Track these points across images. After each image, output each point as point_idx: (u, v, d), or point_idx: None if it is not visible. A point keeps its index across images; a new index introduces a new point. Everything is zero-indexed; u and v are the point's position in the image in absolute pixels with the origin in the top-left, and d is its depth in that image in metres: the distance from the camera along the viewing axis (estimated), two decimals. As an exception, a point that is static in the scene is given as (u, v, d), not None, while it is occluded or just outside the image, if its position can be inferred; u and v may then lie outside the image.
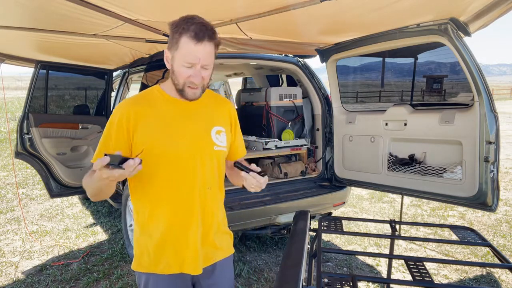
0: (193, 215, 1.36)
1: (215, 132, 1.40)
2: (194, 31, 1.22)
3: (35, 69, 3.84)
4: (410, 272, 1.29)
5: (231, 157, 1.55)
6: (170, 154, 1.32)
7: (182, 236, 1.37)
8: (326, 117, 3.65)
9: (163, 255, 1.38)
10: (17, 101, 19.40)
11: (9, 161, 8.29)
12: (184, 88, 1.30)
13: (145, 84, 3.69)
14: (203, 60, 1.25)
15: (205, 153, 1.37)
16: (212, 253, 1.45)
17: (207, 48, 1.25)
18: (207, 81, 1.32)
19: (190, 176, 1.34)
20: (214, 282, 1.48)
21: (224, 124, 1.46)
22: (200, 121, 1.39)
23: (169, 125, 1.34)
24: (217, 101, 1.50)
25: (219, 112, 1.47)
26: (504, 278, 3.13)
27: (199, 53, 1.23)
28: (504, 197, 5.57)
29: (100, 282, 3.08)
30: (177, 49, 1.25)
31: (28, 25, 2.59)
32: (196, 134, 1.36)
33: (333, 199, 3.44)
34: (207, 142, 1.37)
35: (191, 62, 1.24)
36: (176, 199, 1.35)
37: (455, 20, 2.27)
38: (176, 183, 1.34)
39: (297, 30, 2.85)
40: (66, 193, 4.10)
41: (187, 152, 1.33)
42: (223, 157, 1.46)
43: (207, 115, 1.42)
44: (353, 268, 3.36)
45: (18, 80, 37.95)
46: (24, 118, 3.78)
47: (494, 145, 2.32)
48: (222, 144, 1.41)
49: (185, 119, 1.36)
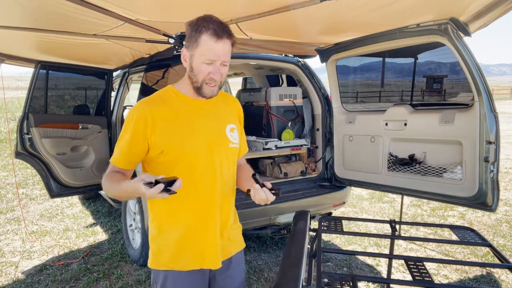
0: (213, 211, 1.41)
1: (229, 130, 1.45)
2: (214, 29, 1.26)
3: (35, 69, 3.83)
4: (410, 272, 1.29)
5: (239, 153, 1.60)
6: (189, 153, 1.35)
7: (202, 233, 1.41)
8: (326, 117, 3.65)
9: (184, 252, 1.41)
10: (17, 101, 19.40)
11: (9, 161, 8.29)
12: (202, 86, 1.32)
13: (145, 84, 3.69)
14: (223, 57, 1.29)
15: (222, 150, 1.41)
16: (229, 247, 1.50)
17: (226, 45, 1.29)
18: (224, 78, 1.35)
19: (210, 174, 1.38)
20: (229, 275, 1.53)
21: (235, 121, 1.51)
22: (215, 119, 1.43)
23: (186, 124, 1.36)
24: (226, 99, 1.55)
25: (230, 110, 1.52)
26: (504, 278, 3.13)
27: (219, 50, 1.27)
28: (504, 197, 5.57)
29: (100, 282, 3.08)
30: (197, 47, 1.28)
31: (28, 25, 2.59)
32: (213, 132, 1.40)
33: (333, 199, 3.44)
34: (223, 139, 1.42)
35: (211, 59, 1.28)
36: (197, 197, 1.38)
37: (455, 20, 2.27)
38: (196, 181, 1.36)
39: (297, 30, 2.85)
40: (66, 193, 4.09)
41: (205, 150, 1.37)
42: (237, 153, 1.51)
43: (221, 113, 1.46)
44: (353, 268, 3.36)
45: (18, 80, 37.95)
46: (24, 118, 3.78)
47: (494, 145, 2.32)
48: (236, 141, 1.46)
49: (201, 118, 1.39)
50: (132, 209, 3.56)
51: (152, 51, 3.51)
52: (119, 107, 4.46)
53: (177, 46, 3.02)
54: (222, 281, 1.51)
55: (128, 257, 3.52)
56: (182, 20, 2.51)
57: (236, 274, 1.56)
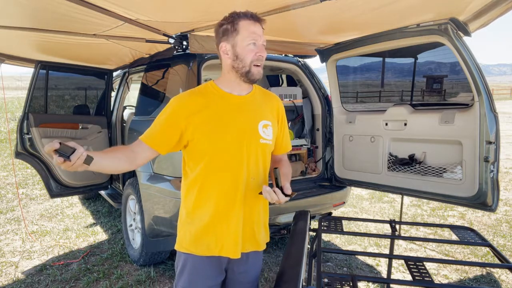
0: (236, 202, 1.46)
1: (262, 126, 1.50)
2: (250, 14, 1.42)
3: (35, 69, 3.83)
4: (410, 272, 1.29)
5: (277, 150, 1.65)
6: (218, 145, 1.43)
7: (225, 222, 1.47)
8: (326, 117, 3.65)
9: (205, 238, 1.49)
10: (17, 101, 19.39)
11: (9, 161, 8.29)
12: (251, 69, 1.42)
13: (145, 84, 3.69)
14: (262, 37, 1.42)
15: (251, 145, 1.46)
16: (250, 242, 1.55)
17: (261, 29, 1.43)
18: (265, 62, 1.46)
19: (235, 166, 1.44)
20: (245, 270, 1.59)
21: (271, 118, 1.55)
22: (248, 115, 1.49)
23: (220, 118, 1.44)
24: (265, 96, 1.61)
25: (268, 107, 1.57)
26: (504, 278, 3.13)
27: (259, 31, 1.42)
28: (504, 197, 5.57)
29: (100, 282, 3.08)
30: (237, 35, 1.40)
31: (28, 25, 2.59)
32: (244, 127, 1.46)
33: (333, 199, 3.44)
34: (254, 134, 1.47)
35: (255, 39, 1.40)
36: (222, 187, 1.45)
37: (455, 20, 2.27)
38: (223, 172, 1.45)
39: (297, 30, 2.85)
40: (66, 193, 4.09)
41: (234, 143, 1.43)
42: (269, 150, 1.54)
43: (256, 110, 1.52)
44: (353, 268, 3.36)
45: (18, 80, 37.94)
46: (24, 118, 3.78)
47: (494, 145, 2.32)
48: (268, 138, 1.50)
49: (235, 113, 1.47)
50: (132, 209, 3.56)
51: (152, 51, 3.51)
52: (119, 107, 4.46)
53: (177, 46, 3.02)
54: (238, 275, 1.58)
55: (128, 257, 3.52)
56: (182, 20, 2.52)
57: (252, 271, 1.61)
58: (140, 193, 3.17)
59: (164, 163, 2.96)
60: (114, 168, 1.38)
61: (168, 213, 2.87)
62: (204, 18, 2.46)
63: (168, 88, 3.18)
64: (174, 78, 3.15)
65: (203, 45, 2.92)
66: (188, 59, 3.03)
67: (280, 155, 1.69)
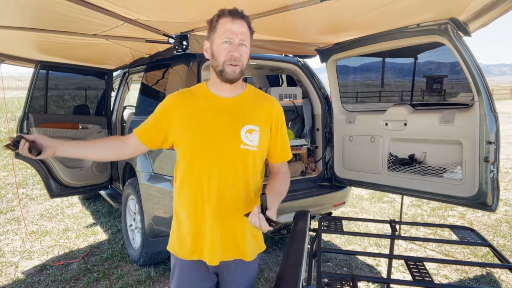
0: (210, 207, 1.41)
1: (246, 131, 1.40)
2: (229, 11, 1.34)
3: (35, 69, 3.83)
4: (410, 272, 1.29)
5: (273, 159, 1.55)
6: (195, 147, 1.40)
7: (201, 226, 1.43)
8: (326, 117, 3.65)
9: (186, 240, 1.47)
10: (17, 101, 19.38)
11: (9, 161, 8.29)
12: (224, 68, 1.35)
13: (145, 84, 3.69)
14: (240, 35, 1.33)
15: (229, 149, 1.39)
16: (232, 251, 1.47)
17: (242, 27, 1.34)
18: (246, 61, 1.37)
19: (209, 170, 1.39)
20: (234, 280, 1.53)
21: (260, 123, 1.44)
22: (232, 118, 1.41)
23: (201, 119, 1.40)
24: (260, 99, 1.50)
25: (259, 111, 1.46)
26: (504, 278, 3.13)
27: (236, 29, 1.33)
28: (504, 197, 5.57)
29: (100, 282, 3.08)
30: (215, 32, 1.36)
31: (28, 25, 2.59)
32: (224, 130, 1.39)
33: (333, 199, 3.44)
34: (233, 139, 1.39)
35: (229, 37, 1.33)
36: (198, 189, 1.41)
37: (455, 20, 2.27)
38: (198, 175, 1.41)
39: (297, 30, 2.85)
40: (66, 193, 4.09)
41: (210, 146, 1.38)
42: (253, 156, 1.43)
43: (242, 113, 1.43)
44: (353, 268, 3.36)
45: (18, 80, 37.91)
46: (24, 118, 3.78)
47: (494, 145, 2.32)
48: (252, 144, 1.41)
49: (218, 115, 1.41)
50: (132, 209, 3.56)
51: (152, 51, 3.51)
52: (119, 107, 4.46)
53: (177, 46, 3.02)
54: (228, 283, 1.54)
55: (128, 257, 3.51)
56: (182, 20, 2.52)
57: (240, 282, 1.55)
58: (140, 193, 3.17)
59: (164, 163, 2.96)
60: (95, 156, 1.49)
61: (168, 213, 2.87)
62: (204, 18, 2.44)
63: (168, 88, 3.17)
64: (174, 78, 3.15)
65: (203, 45, 2.92)
66: (188, 59, 3.03)
67: (278, 164, 1.56)
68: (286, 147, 1.55)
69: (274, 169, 1.57)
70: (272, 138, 1.49)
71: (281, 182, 1.51)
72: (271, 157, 1.54)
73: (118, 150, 1.50)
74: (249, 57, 1.40)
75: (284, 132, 1.53)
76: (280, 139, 1.51)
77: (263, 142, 1.44)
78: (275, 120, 1.48)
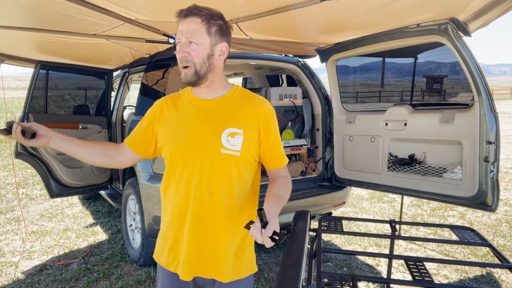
0: (187, 216, 1.32)
1: (228, 134, 1.29)
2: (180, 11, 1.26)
3: (35, 69, 3.83)
4: (410, 272, 1.29)
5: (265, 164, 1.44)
6: (175, 152, 1.34)
7: (179, 236, 1.36)
8: (326, 117, 3.65)
9: (165, 249, 1.41)
10: (17, 101, 19.39)
11: (9, 161, 8.29)
12: (181, 71, 1.30)
13: (145, 84, 3.69)
14: (186, 33, 1.24)
15: (208, 154, 1.29)
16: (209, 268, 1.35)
17: (191, 24, 1.24)
18: (199, 60, 1.26)
19: (188, 176, 1.31)
20: None
21: (245, 126, 1.32)
22: (212, 121, 1.32)
23: (182, 124, 1.35)
24: (247, 101, 1.37)
25: (245, 113, 1.34)
26: (504, 278, 3.13)
27: (183, 29, 1.25)
28: (504, 197, 5.57)
29: (100, 282, 3.08)
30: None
31: (28, 25, 2.59)
32: (204, 134, 1.30)
33: (333, 199, 3.44)
34: (214, 143, 1.29)
35: (177, 39, 1.27)
36: (176, 197, 1.35)
37: (455, 20, 2.27)
38: (177, 181, 1.34)
39: (297, 30, 2.85)
40: (66, 193, 4.09)
41: (188, 151, 1.31)
42: (235, 161, 1.31)
43: (224, 116, 1.32)
44: (353, 268, 3.36)
45: (18, 80, 37.91)
46: (24, 118, 3.78)
47: (494, 145, 2.32)
48: (234, 148, 1.29)
49: (198, 119, 1.33)
50: (132, 209, 3.56)
51: (152, 51, 3.51)
52: (119, 107, 4.46)
53: (177, 46, 3.02)
54: None
55: (128, 257, 3.51)
56: (182, 20, 2.52)
57: None
58: (140, 193, 3.17)
59: (164, 163, 2.96)
60: (84, 157, 1.41)
61: (168, 213, 2.87)
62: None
63: (168, 88, 3.18)
64: (174, 78, 3.15)
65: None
66: (188, 59, 3.02)
67: (275, 170, 1.43)
68: (279, 152, 1.42)
69: (272, 175, 1.44)
70: (262, 143, 1.36)
71: (279, 186, 1.36)
72: (265, 163, 1.42)
73: (109, 157, 1.43)
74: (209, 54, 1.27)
75: (276, 136, 1.40)
76: (271, 143, 1.38)
77: (248, 147, 1.31)
78: (264, 122, 1.34)
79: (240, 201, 1.35)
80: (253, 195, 1.42)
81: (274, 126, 1.39)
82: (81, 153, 1.41)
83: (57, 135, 1.39)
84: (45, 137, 1.34)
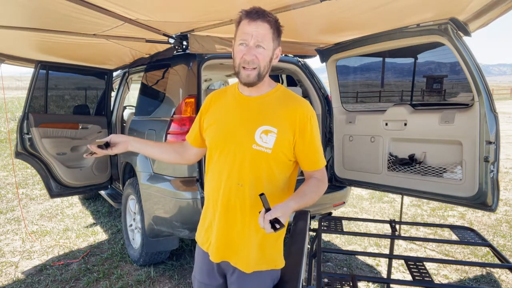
0: (217, 203, 1.42)
1: (261, 131, 1.34)
2: (248, 12, 1.31)
3: (35, 69, 3.83)
4: (410, 272, 1.29)
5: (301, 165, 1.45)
6: (212, 142, 1.44)
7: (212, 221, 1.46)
8: (326, 117, 3.65)
9: (202, 230, 1.53)
10: (17, 101, 19.40)
11: (9, 161, 8.29)
12: (239, 71, 1.33)
13: (145, 84, 3.69)
14: (256, 37, 1.28)
15: (241, 148, 1.36)
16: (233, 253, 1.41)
17: (260, 28, 1.29)
18: (264, 63, 1.32)
19: (221, 166, 1.41)
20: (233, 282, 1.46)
21: (281, 125, 1.35)
22: (250, 117, 1.38)
23: (222, 117, 1.44)
24: (286, 100, 1.41)
25: (282, 113, 1.37)
26: (504, 278, 3.13)
27: (252, 31, 1.28)
28: (504, 197, 5.57)
29: (100, 282, 3.08)
30: (236, 33, 1.34)
31: (28, 25, 2.59)
32: (239, 129, 1.38)
33: (333, 199, 3.44)
34: (247, 138, 1.35)
35: (244, 39, 1.30)
36: (211, 183, 1.46)
37: (455, 20, 2.27)
38: (213, 169, 1.45)
39: (297, 30, 2.85)
40: (66, 193, 4.10)
41: (224, 143, 1.40)
42: (266, 158, 1.35)
43: (261, 113, 1.38)
44: (353, 268, 3.36)
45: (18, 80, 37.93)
46: (24, 118, 3.78)
47: (494, 145, 2.32)
48: (266, 145, 1.33)
49: (237, 114, 1.41)
50: (132, 209, 3.55)
51: (152, 51, 3.51)
52: (119, 107, 4.46)
53: (177, 46, 3.02)
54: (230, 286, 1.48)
55: (128, 257, 3.52)
56: (182, 20, 2.52)
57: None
58: (140, 193, 3.17)
59: (164, 163, 2.96)
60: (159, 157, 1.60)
61: (168, 213, 2.87)
62: (204, 18, 2.46)
63: (168, 88, 3.18)
64: (174, 78, 3.15)
65: (203, 45, 2.92)
66: (188, 59, 3.03)
67: (309, 172, 1.45)
68: (314, 154, 1.41)
69: (306, 176, 1.47)
70: (297, 143, 1.37)
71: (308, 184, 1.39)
72: (300, 163, 1.45)
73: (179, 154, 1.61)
74: (271, 58, 1.35)
75: (312, 138, 1.39)
76: (307, 144, 1.38)
77: (280, 145, 1.34)
78: (300, 123, 1.36)
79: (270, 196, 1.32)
80: (288, 192, 1.46)
81: (311, 128, 1.38)
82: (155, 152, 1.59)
83: (134, 139, 1.54)
84: (124, 143, 1.50)
